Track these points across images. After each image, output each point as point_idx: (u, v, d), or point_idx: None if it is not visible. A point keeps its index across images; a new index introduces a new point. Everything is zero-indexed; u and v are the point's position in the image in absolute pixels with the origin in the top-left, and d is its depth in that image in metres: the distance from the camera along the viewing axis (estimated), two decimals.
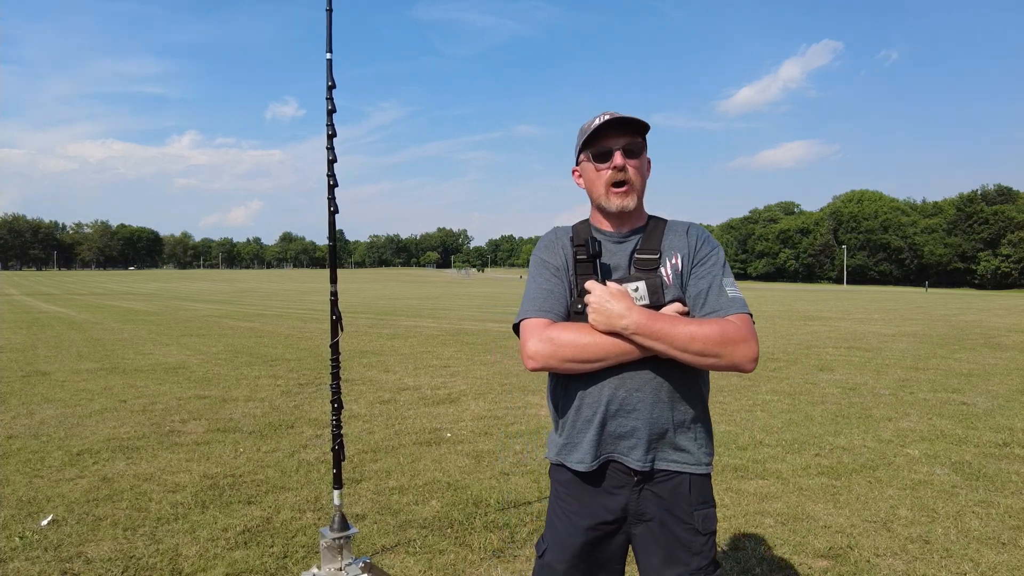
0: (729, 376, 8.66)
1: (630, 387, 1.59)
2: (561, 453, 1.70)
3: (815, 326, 17.25)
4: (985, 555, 3.30)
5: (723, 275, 1.64)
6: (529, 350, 1.57)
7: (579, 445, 1.65)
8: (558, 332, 1.56)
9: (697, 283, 1.63)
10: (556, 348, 1.55)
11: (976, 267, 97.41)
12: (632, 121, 1.64)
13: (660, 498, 1.63)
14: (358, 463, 4.84)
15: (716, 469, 4.68)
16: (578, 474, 1.66)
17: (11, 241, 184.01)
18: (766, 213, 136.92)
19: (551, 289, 1.65)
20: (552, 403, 1.74)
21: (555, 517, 1.72)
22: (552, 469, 1.77)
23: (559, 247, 1.71)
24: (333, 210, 2.67)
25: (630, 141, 1.66)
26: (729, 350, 1.51)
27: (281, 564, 3.19)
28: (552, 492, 1.76)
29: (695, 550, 1.62)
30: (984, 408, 6.78)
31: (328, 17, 2.62)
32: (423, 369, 9.46)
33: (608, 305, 1.52)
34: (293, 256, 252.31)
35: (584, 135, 1.69)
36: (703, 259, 1.65)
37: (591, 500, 1.66)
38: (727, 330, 1.52)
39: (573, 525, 1.67)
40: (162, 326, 16.67)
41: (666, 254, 1.66)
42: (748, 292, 51.60)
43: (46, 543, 3.39)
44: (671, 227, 1.71)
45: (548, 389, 1.77)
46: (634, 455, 1.61)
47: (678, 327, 1.51)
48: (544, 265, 1.70)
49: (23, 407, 6.70)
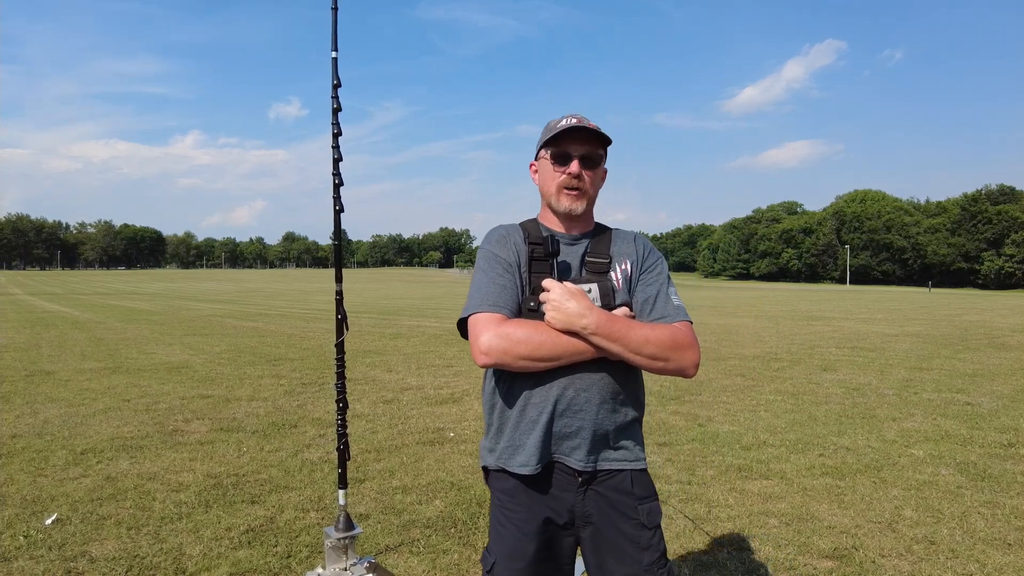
0: (732, 376, 8.65)
1: (578, 387, 1.59)
2: (501, 457, 1.66)
3: (818, 326, 17.21)
4: (991, 556, 3.29)
5: (668, 284, 1.71)
6: (483, 345, 1.54)
7: (523, 447, 1.62)
8: (513, 328, 1.54)
9: (645, 289, 1.68)
10: (511, 344, 1.52)
11: (980, 267, 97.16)
12: (596, 133, 1.67)
13: (603, 496, 1.64)
14: (362, 463, 4.84)
15: (720, 469, 4.67)
16: (522, 479, 1.63)
17: (15, 241, 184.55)
18: (769, 213, 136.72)
19: (504, 284, 1.63)
20: (490, 404, 1.70)
21: (501, 527, 1.67)
22: (491, 477, 1.72)
23: (511, 243, 1.69)
24: (338, 209, 2.66)
25: (590, 151, 1.68)
26: (677, 355, 1.57)
27: (285, 564, 3.19)
28: (494, 501, 1.71)
29: (644, 545, 1.62)
30: (989, 408, 6.76)
31: (333, 15, 2.62)
32: (426, 369, 9.47)
33: (568, 304, 1.53)
34: (296, 256, 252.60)
35: (548, 134, 1.70)
36: (650, 267, 1.71)
37: (538, 504, 1.63)
38: (677, 336, 1.58)
39: (523, 532, 1.63)
40: (165, 326, 16.70)
41: (616, 259, 1.70)
42: (751, 292, 51.54)
43: (50, 542, 3.39)
44: (618, 234, 1.76)
45: (485, 390, 1.73)
46: (576, 455, 1.61)
47: (634, 330, 1.54)
48: (496, 260, 1.67)
49: (27, 406, 6.72)
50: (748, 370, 9.30)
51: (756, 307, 27.19)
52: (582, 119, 1.68)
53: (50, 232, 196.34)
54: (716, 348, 11.97)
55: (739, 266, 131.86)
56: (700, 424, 6.03)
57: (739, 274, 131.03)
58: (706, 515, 3.84)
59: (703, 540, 3.51)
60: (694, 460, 4.90)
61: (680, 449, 5.20)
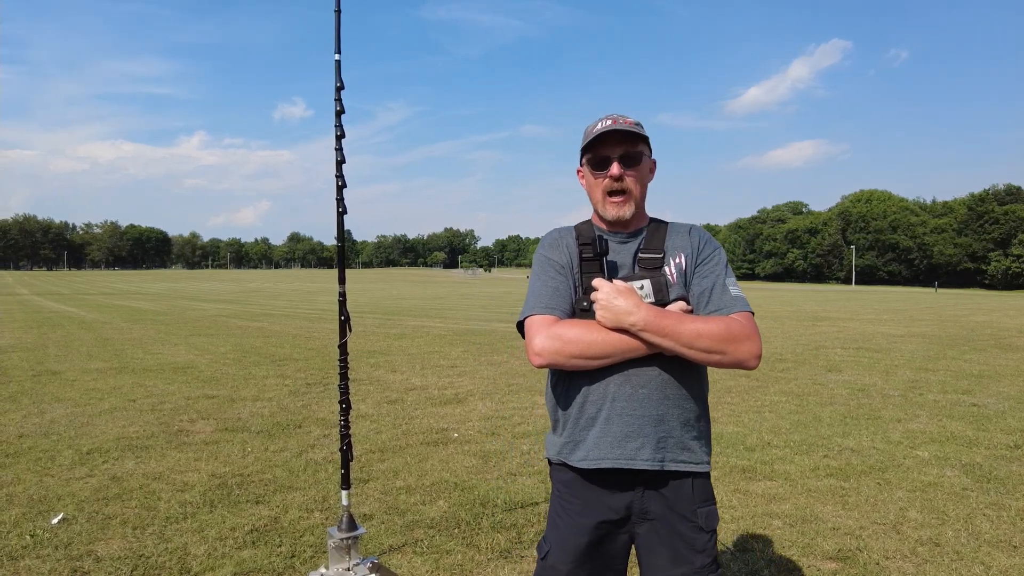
0: (737, 377, 8.62)
1: (635, 384, 1.59)
2: (563, 452, 1.68)
3: (823, 327, 17.16)
4: (996, 558, 3.27)
5: (726, 274, 1.66)
6: (536, 347, 1.57)
7: (583, 443, 1.64)
8: (565, 329, 1.57)
9: (701, 282, 1.65)
10: (563, 344, 1.55)
11: (987, 267, 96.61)
12: (630, 133, 1.65)
13: (664, 497, 1.64)
14: (365, 463, 4.85)
15: (724, 470, 4.66)
16: (581, 473, 1.66)
17: (22, 241, 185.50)
18: (774, 213, 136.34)
19: (556, 287, 1.66)
20: (553, 401, 1.73)
21: (557, 517, 1.70)
22: (553, 469, 1.75)
23: (563, 245, 1.72)
24: (342, 211, 2.67)
25: (628, 149, 1.67)
26: (734, 347, 1.53)
27: (289, 564, 3.20)
28: (554, 492, 1.75)
29: (699, 548, 1.62)
30: (995, 410, 6.73)
31: (336, 18, 2.63)
32: (430, 369, 9.47)
33: (616, 302, 1.53)
34: (301, 256, 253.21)
35: (585, 139, 1.71)
36: (707, 259, 1.68)
37: (595, 499, 1.65)
38: (732, 327, 1.54)
39: (577, 525, 1.66)
40: (171, 326, 16.75)
41: (670, 253, 1.68)
42: (756, 292, 51.41)
43: (57, 541, 3.41)
44: (673, 228, 1.74)
45: (548, 387, 1.76)
46: (641, 455, 1.61)
47: (685, 324, 1.52)
48: (549, 263, 1.70)
49: (34, 406, 6.76)
50: (752, 370, 9.26)
51: (761, 307, 27.12)
52: (617, 119, 1.67)
53: (57, 233, 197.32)
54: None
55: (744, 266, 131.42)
56: None
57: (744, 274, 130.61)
58: None
59: None
60: None
61: None
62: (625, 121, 1.67)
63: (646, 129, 1.71)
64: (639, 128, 1.67)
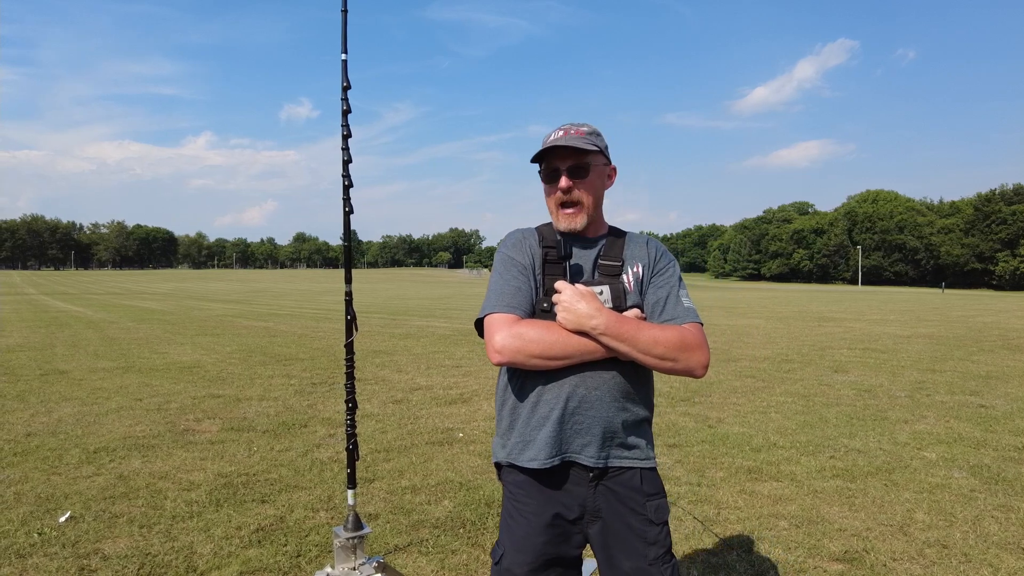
0: (743, 378, 8.61)
1: (590, 385, 1.63)
2: (512, 453, 1.70)
3: (829, 327, 17.09)
4: (1005, 560, 3.25)
5: (679, 286, 1.73)
6: (496, 344, 1.60)
7: (532, 443, 1.66)
8: (526, 328, 1.60)
9: (656, 292, 1.72)
10: (524, 344, 1.58)
11: (994, 268, 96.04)
12: (575, 149, 1.66)
13: (613, 492, 1.67)
14: (371, 463, 4.86)
15: (730, 471, 4.65)
16: (532, 473, 1.68)
17: (30, 241, 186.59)
18: (780, 213, 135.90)
19: (518, 286, 1.69)
20: (503, 400, 1.75)
21: (511, 519, 1.71)
22: (503, 472, 1.77)
23: (527, 246, 1.75)
24: (348, 211, 2.67)
25: (577, 161, 1.68)
26: (686, 355, 1.60)
27: (295, 563, 3.21)
28: (505, 494, 1.76)
29: (651, 540, 1.65)
30: (1003, 411, 6.69)
31: (343, 18, 2.63)
32: (435, 369, 9.48)
33: (578, 305, 1.57)
34: (307, 256, 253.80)
35: (538, 151, 1.72)
36: (662, 270, 1.74)
37: (548, 498, 1.67)
38: (685, 337, 1.61)
39: (531, 525, 1.67)
40: (177, 325, 16.82)
41: (628, 262, 1.74)
42: (761, 292, 51.25)
43: (64, 539, 3.43)
44: (631, 238, 1.80)
45: (499, 387, 1.78)
46: (587, 452, 1.65)
47: (643, 331, 1.58)
48: (511, 263, 1.72)
49: (42, 405, 6.79)
50: (758, 371, 9.25)
51: (767, 308, 27.03)
52: (569, 129, 1.69)
53: (64, 233, 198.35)
54: (727, 349, 11.91)
55: (750, 267, 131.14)
56: (710, 425, 6.00)
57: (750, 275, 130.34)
58: (715, 517, 3.82)
59: (712, 542, 3.50)
60: (704, 462, 4.88)
61: (690, 450, 5.18)
62: (577, 132, 1.68)
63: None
64: (590, 140, 1.68)
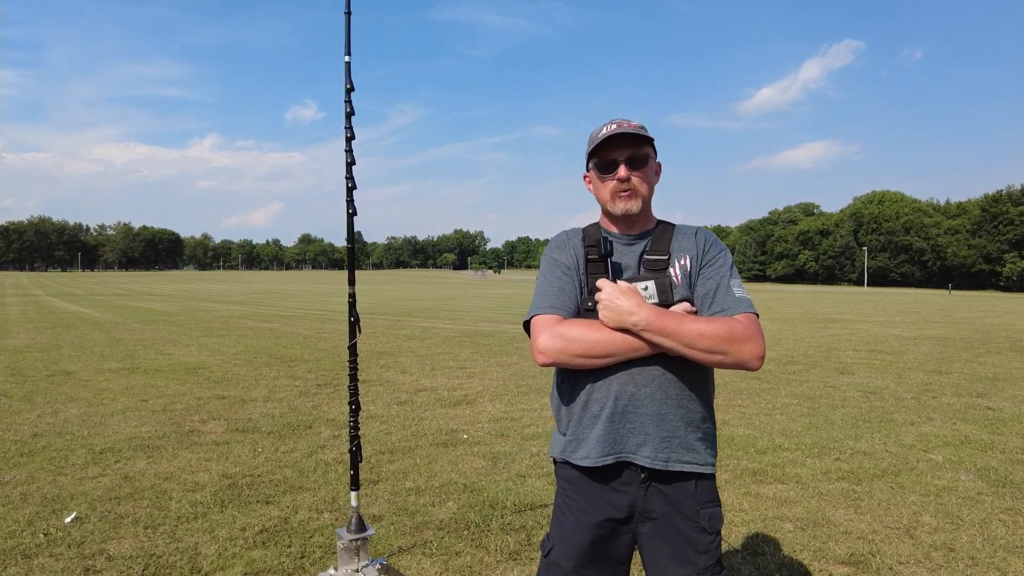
0: (748, 379, 8.57)
1: (638, 383, 1.61)
2: (566, 450, 1.70)
3: (835, 328, 17.02)
4: (1012, 564, 3.23)
5: (731, 276, 1.68)
6: (540, 345, 1.61)
7: (585, 441, 1.66)
8: (568, 328, 1.60)
9: (705, 283, 1.67)
10: (567, 343, 1.58)
11: (1001, 269, 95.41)
12: (635, 136, 1.68)
13: (666, 496, 1.65)
14: (375, 464, 4.86)
15: (735, 473, 4.63)
16: (584, 471, 1.67)
17: (37, 243, 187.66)
18: (785, 214, 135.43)
19: (562, 287, 1.70)
20: (557, 400, 1.76)
21: (561, 514, 1.73)
22: (557, 467, 1.78)
23: (570, 247, 1.76)
24: (351, 212, 2.68)
25: (634, 152, 1.69)
26: (736, 348, 1.54)
27: (299, 564, 3.21)
28: (558, 490, 1.77)
29: (702, 548, 1.64)
30: (1010, 413, 6.65)
31: (347, 20, 2.63)
32: (440, 370, 9.49)
33: (618, 302, 1.56)
34: (312, 258, 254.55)
35: (591, 145, 1.73)
36: (711, 260, 1.70)
37: (598, 497, 1.67)
38: (734, 328, 1.56)
39: (580, 522, 1.67)
40: (182, 327, 16.88)
41: (675, 255, 1.71)
42: (767, 294, 51.10)
43: (69, 540, 3.44)
44: (680, 231, 1.77)
45: (553, 386, 1.79)
46: (643, 452, 1.62)
47: (686, 324, 1.54)
48: (555, 264, 1.74)
49: (48, 405, 6.82)
50: (764, 373, 9.22)
51: (772, 309, 26.95)
52: (622, 123, 1.70)
53: (71, 234, 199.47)
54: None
55: (755, 268, 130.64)
56: None
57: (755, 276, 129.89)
58: None
59: None
60: None
61: None
62: (630, 125, 1.69)
63: (652, 131, 1.74)
64: (643, 131, 1.69)
